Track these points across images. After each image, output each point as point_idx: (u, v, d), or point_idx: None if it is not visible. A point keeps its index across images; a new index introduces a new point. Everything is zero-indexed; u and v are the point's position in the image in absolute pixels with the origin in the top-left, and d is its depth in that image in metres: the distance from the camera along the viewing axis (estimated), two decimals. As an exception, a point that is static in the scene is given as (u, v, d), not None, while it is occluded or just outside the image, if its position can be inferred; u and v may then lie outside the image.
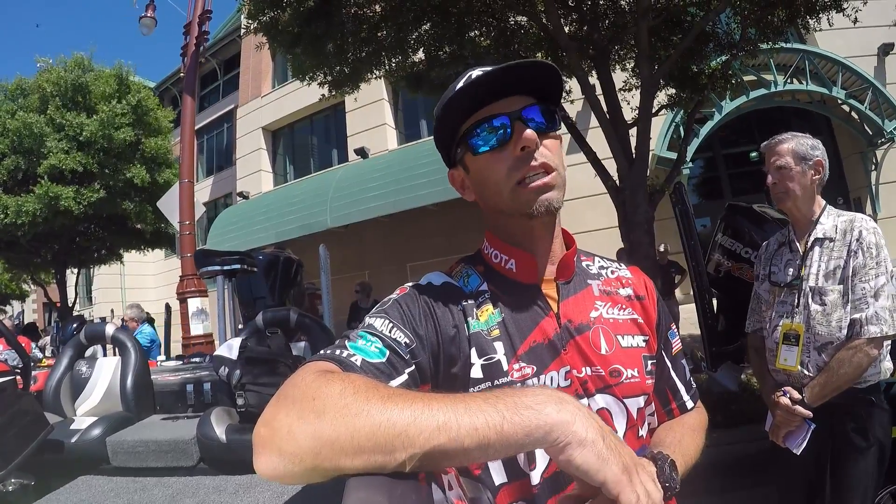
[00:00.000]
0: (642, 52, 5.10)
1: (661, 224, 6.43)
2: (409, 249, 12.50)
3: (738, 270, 2.86)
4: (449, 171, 0.85)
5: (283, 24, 5.36)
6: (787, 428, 1.72)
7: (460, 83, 0.76)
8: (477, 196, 0.82)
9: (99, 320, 7.89)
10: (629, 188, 5.21)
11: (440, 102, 0.78)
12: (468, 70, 0.78)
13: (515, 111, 0.73)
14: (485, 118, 0.74)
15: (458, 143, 0.79)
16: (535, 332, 0.76)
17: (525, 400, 0.48)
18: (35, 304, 24.61)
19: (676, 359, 0.91)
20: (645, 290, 0.88)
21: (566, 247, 0.84)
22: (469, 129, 0.76)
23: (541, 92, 0.76)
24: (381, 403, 0.49)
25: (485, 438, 0.47)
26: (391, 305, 0.76)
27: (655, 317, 0.87)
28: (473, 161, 0.78)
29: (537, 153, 0.73)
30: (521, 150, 0.73)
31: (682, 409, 0.90)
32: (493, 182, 0.76)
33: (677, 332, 0.93)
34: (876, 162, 10.68)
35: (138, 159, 11.27)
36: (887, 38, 10.34)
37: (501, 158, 0.74)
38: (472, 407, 0.48)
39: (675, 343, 0.92)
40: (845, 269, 1.66)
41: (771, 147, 1.81)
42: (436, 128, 0.81)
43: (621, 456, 0.47)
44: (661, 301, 0.92)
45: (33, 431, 2.80)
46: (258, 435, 0.52)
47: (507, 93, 0.74)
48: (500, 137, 0.74)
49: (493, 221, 0.83)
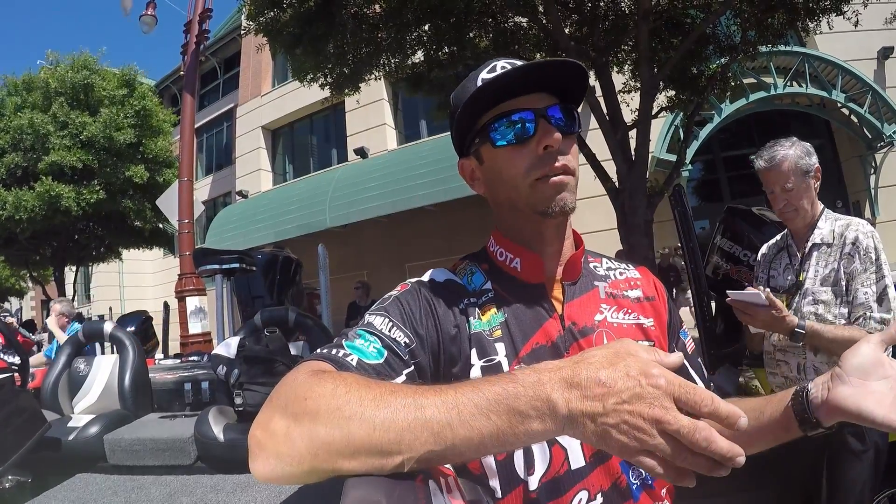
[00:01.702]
0: (642, 54, 5.11)
1: (660, 226, 6.44)
2: (407, 250, 12.49)
3: (737, 273, 2.87)
4: (459, 160, 0.84)
5: (283, 24, 5.36)
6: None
7: (484, 73, 0.75)
8: (487, 189, 0.81)
9: (97, 318, 7.88)
10: (628, 190, 5.23)
11: (462, 90, 0.77)
12: (492, 60, 0.77)
13: (541, 108, 0.72)
14: (509, 111, 0.73)
15: (477, 133, 0.77)
16: (539, 334, 0.75)
17: (519, 405, 0.47)
18: (33, 301, 24.57)
19: (693, 358, 0.89)
20: (655, 290, 0.87)
21: (575, 247, 0.83)
22: (491, 120, 0.74)
23: (563, 91, 0.75)
24: (374, 405, 0.48)
25: (480, 444, 0.47)
26: (392, 303, 0.74)
27: (667, 317, 0.85)
28: (491, 153, 0.76)
29: (559, 154, 0.72)
30: (543, 150, 0.71)
31: None
32: (511, 176, 0.74)
33: (688, 333, 0.92)
34: (875, 165, 10.69)
35: (138, 159, 11.28)
36: (887, 42, 10.36)
37: (522, 154, 0.72)
38: (464, 413, 0.47)
39: (689, 342, 0.89)
40: (838, 271, 1.67)
41: (772, 170, 1.75)
42: (453, 114, 0.79)
43: (604, 398, 0.45)
44: (672, 301, 0.91)
45: (30, 428, 2.79)
46: (253, 438, 0.51)
47: (530, 89, 0.73)
48: (521, 133, 0.72)
49: (501, 218, 0.82)
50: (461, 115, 0.75)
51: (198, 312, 6.77)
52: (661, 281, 0.92)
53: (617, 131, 5.40)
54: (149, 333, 6.92)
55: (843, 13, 5.33)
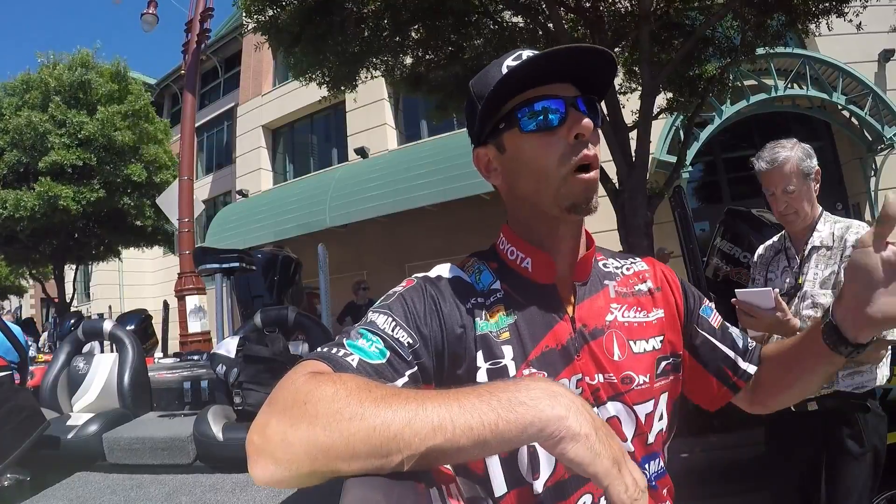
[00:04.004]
0: (643, 56, 5.11)
1: (660, 227, 6.44)
2: (407, 249, 12.48)
3: (737, 275, 2.86)
4: (475, 149, 0.80)
5: (282, 22, 5.36)
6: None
7: (509, 60, 0.73)
8: (505, 180, 0.77)
9: (97, 317, 7.88)
10: (628, 191, 5.23)
11: (485, 75, 0.74)
12: (515, 50, 0.75)
13: (570, 97, 0.70)
14: (538, 97, 0.70)
15: (501, 119, 0.73)
16: (549, 336, 0.73)
17: (519, 396, 0.48)
18: (33, 299, 24.55)
19: (723, 330, 0.86)
20: (665, 279, 0.85)
21: (586, 247, 0.81)
22: (518, 106, 0.71)
23: (587, 83, 0.72)
24: (374, 406, 0.48)
25: (480, 437, 0.47)
26: (395, 300, 0.72)
27: (682, 302, 0.83)
28: (516, 140, 0.72)
29: (589, 143, 0.70)
30: (574, 138, 0.69)
31: (745, 377, 0.85)
32: (541, 166, 0.71)
33: (712, 307, 0.88)
34: (875, 168, 10.69)
35: (137, 160, 11.29)
36: (888, 45, 10.36)
37: (551, 142, 0.70)
38: (466, 406, 0.48)
39: (714, 317, 0.86)
40: (838, 274, 1.67)
41: (774, 172, 1.73)
42: (472, 101, 0.76)
43: (611, 448, 0.47)
44: (687, 283, 0.88)
45: (30, 427, 2.79)
46: (251, 443, 0.51)
47: (553, 78, 0.71)
48: (551, 120, 0.69)
49: (516, 212, 0.79)
50: (489, 99, 0.71)
51: (197, 311, 6.78)
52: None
53: (617, 133, 5.40)
54: (148, 332, 6.94)
55: (842, 14, 5.32)
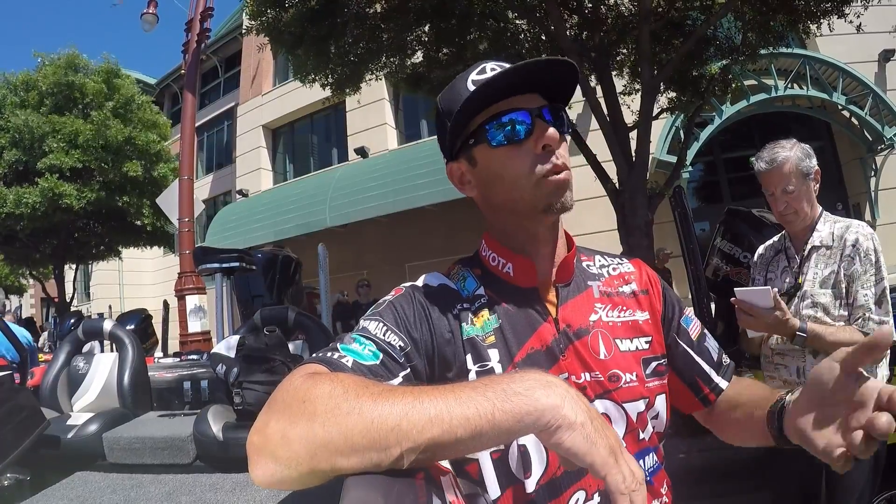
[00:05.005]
0: (643, 56, 5.11)
1: (660, 227, 6.44)
2: (407, 249, 12.49)
3: (737, 275, 2.86)
4: (448, 164, 0.82)
5: (285, 24, 5.36)
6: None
7: (474, 74, 0.74)
8: (480, 191, 0.79)
9: (97, 316, 7.89)
10: (629, 191, 5.23)
11: (451, 92, 0.76)
12: (478, 63, 0.76)
13: (536, 108, 0.72)
14: (504, 111, 0.72)
15: (469, 136, 0.75)
16: (533, 338, 0.74)
17: (514, 386, 0.49)
18: (33, 298, 24.56)
19: (700, 342, 0.87)
20: (649, 283, 0.86)
21: (567, 249, 0.82)
22: (486, 121, 0.73)
23: (551, 92, 0.74)
24: (371, 400, 0.49)
25: (477, 427, 0.47)
26: (385, 308, 0.74)
27: (661, 309, 0.85)
28: (486, 154, 0.74)
29: (557, 152, 0.72)
30: (542, 149, 0.71)
31: (717, 391, 0.86)
32: (514, 176, 0.73)
33: (693, 318, 0.90)
34: (875, 168, 10.70)
35: (132, 153, 11.25)
36: (888, 45, 10.36)
37: (520, 154, 0.72)
38: (462, 397, 0.49)
39: (693, 328, 0.88)
40: (838, 273, 1.67)
41: (773, 172, 1.73)
42: (441, 116, 0.78)
43: (607, 438, 0.48)
44: (670, 290, 0.89)
45: (29, 426, 2.79)
46: (251, 444, 0.51)
47: (521, 90, 0.73)
48: (518, 133, 0.72)
49: (494, 221, 0.81)
50: (458, 116, 0.74)
51: (197, 311, 6.78)
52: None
53: (617, 132, 5.39)
54: (148, 332, 6.92)
55: (844, 15, 5.32)
